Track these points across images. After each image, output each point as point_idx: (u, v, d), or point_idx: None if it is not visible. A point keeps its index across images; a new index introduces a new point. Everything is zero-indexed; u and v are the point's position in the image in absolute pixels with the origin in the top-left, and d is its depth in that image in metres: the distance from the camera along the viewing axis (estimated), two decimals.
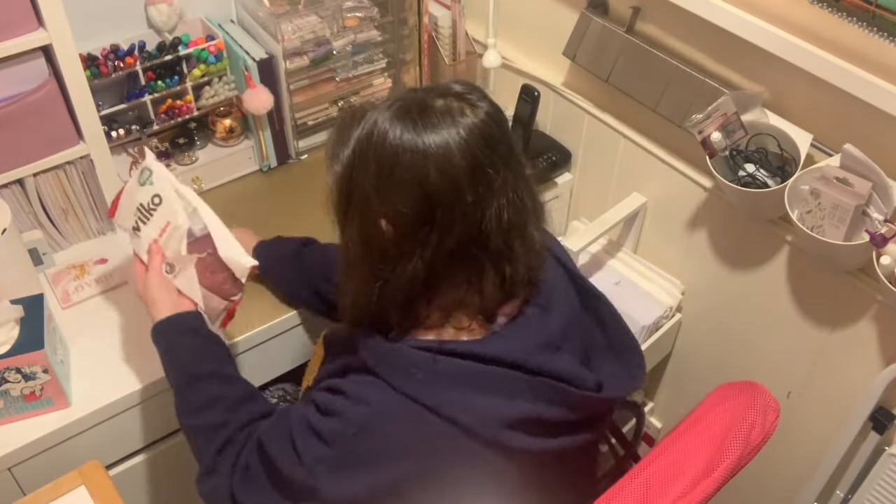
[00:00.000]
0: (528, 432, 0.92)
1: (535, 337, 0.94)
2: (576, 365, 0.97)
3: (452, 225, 0.87)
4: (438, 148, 0.85)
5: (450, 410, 0.89)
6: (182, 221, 1.14)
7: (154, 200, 1.16)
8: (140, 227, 1.18)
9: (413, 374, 0.90)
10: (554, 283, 1.01)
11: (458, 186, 0.86)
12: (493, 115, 0.89)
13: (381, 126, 0.87)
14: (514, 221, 0.90)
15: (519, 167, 0.93)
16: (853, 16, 1.09)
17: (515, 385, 0.91)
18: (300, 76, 1.66)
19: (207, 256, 1.15)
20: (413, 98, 0.89)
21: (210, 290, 1.16)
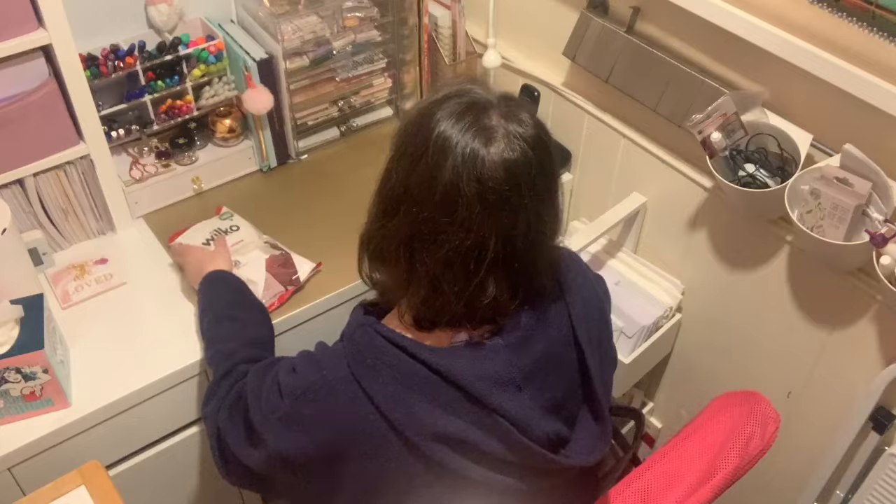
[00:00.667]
0: (457, 451, 0.93)
1: (493, 368, 0.93)
2: (530, 410, 0.95)
3: (462, 234, 0.89)
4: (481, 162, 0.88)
5: (384, 403, 0.92)
6: (256, 237, 1.52)
7: (232, 228, 1.54)
8: (211, 241, 1.50)
9: (365, 358, 0.94)
10: (547, 325, 0.99)
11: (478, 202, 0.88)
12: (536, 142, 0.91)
13: (437, 119, 0.90)
14: (521, 248, 0.92)
15: (549, 190, 0.94)
16: (853, 16, 1.09)
17: (457, 404, 0.92)
18: (300, 76, 1.66)
19: (281, 255, 1.48)
20: (474, 112, 0.91)
21: (274, 277, 1.44)
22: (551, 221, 0.96)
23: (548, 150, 0.94)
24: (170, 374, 1.33)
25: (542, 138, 0.93)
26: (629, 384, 1.68)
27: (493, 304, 0.93)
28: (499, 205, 0.88)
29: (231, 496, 1.62)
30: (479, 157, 0.87)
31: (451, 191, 0.88)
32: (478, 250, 0.89)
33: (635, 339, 1.55)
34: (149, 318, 1.42)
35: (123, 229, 1.57)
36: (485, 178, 0.87)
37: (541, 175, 0.92)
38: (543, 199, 0.93)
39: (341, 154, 1.79)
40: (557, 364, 1.00)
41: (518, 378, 0.95)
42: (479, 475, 0.95)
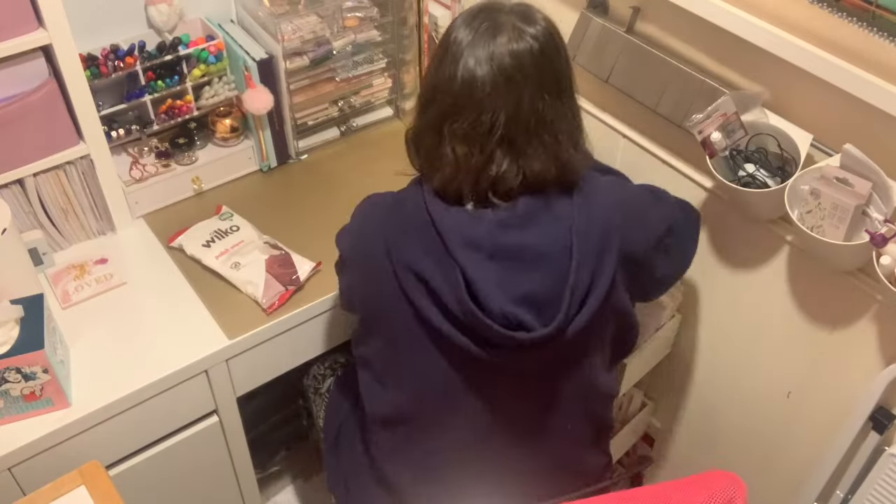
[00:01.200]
0: (423, 287, 1.09)
1: (471, 231, 1.07)
2: (493, 284, 1.06)
3: (477, 111, 1.06)
4: (491, 50, 1.05)
5: (391, 233, 1.12)
6: (256, 237, 1.53)
7: (232, 228, 1.54)
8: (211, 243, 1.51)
9: (398, 201, 1.16)
10: (546, 223, 1.09)
11: (489, 83, 1.05)
12: (544, 38, 1.08)
13: (455, 26, 1.10)
14: (523, 127, 1.06)
15: (554, 83, 1.08)
16: (853, 16, 1.09)
17: (434, 249, 1.07)
18: (300, 76, 1.66)
19: (281, 255, 1.49)
20: (487, 11, 1.09)
21: (274, 277, 1.45)
22: (557, 117, 1.09)
23: (555, 48, 1.09)
24: (170, 374, 1.33)
25: (550, 33, 1.09)
26: (629, 384, 1.67)
27: (498, 179, 1.07)
28: (506, 86, 1.04)
29: (231, 496, 1.62)
30: (489, 46, 1.05)
31: (468, 76, 1.05)
32: (488, 125, 1.05)
33: None
34: (149, 319, 1.42)
35: (123, 229, 1.57)
36: (494, 62, 1.04)
37: (546, 66, 1.07)
38: (547, 89, 1.07)
39: (341, 154, 1.79)
40: (548, 262, 1.08)
41: (491, 248, 1.07)
42: (438, 322, 1.09)
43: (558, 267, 1.08)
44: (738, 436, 1.66)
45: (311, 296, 1.46)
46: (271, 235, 1.55)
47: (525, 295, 1.07)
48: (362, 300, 1.21)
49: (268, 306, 1.42)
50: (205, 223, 1.56)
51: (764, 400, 1.55)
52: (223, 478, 1.57)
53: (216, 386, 1.42)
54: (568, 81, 1.11)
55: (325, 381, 1.56)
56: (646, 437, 1.92)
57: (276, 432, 1.91)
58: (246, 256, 1.48)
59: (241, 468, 1.58)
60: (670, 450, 1.88)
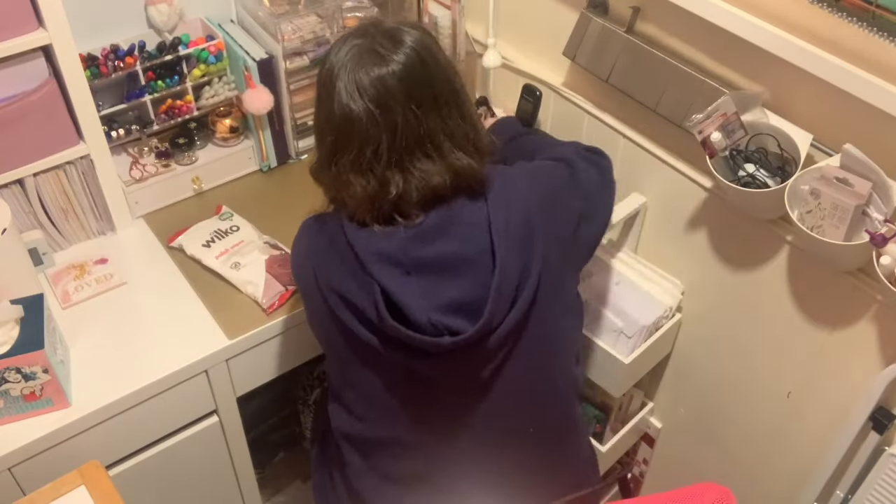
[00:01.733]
0: (348, 307, 1.11)
1: (385, 247, 1.09)
2: (417, 296, 1.07)
3: (361, 142, 1.08)
4: (359, 80, 1.07)
5: (316, 258, 1.15)
6: (256, 237, 1.53)
7: (232, 228, 1.55)
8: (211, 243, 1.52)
9: (322, 228, 1.18)
10: (458, 230, 1.10)
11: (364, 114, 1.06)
12: (406, 68, 1.07)
13: (328, 56, 1.12)
14: (408, 148, 1.08)
15: (430, 98, 1.08)
16: (853, 16, 1.09)
17: (355, 270, 1.09)
18: (300, 76, 1.66)
19: (281, 255, 1.50)
20: (354, 38, 1.10)
21: (274, 277, 1.45)
22: (438, 128, 1.09)
23: (421, 60, 1.08)
24: (170, 374, 1.33)
25: (416, 50, 1.08)
26: (629, 384, 1.67)
27: (398, 201, 1.09)
28: (381, 114, 1.06)
29: (231, 496, 1.62)
30: (355, 79, 1.06)
31: (343, 112, 1.07)
32: (372, 154, 1.07)
33: (635, 339, 1.55)
34: (149, 318, 1.42)
35: (123, 229, 1.57)
36: (363, 95, 1.06)
37: (414, 84, 1.07)
38: (421, 105, 1.07)
39: None
40: (471, 267, 1.10)
41: (407, 264, 1.08)
42: (369, 339, 1.10)
43: (482, 269, 1.09)
44: (738, 436, 1.66)
45: None
46: (271, 235, 1.55)
47: (451, 302, 1.08)
48: (309, 323, 1.25)
49: (268, 306, 1.42)
50: (205, 223, 1.56)
51: (764, 400, 1.55)
52: (223, 478, 1.57)
53: (216, 386, 1.42)
54: (446, 90, 1.11)
55: (312, 391, 1.56)
56: (646, 437, 1.92)
57: (276, 432, 1.91)
58: (246, 256, 1.48)
59: (241, 468, 1.58)
60: (670, 450, 1.88)
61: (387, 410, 1.18)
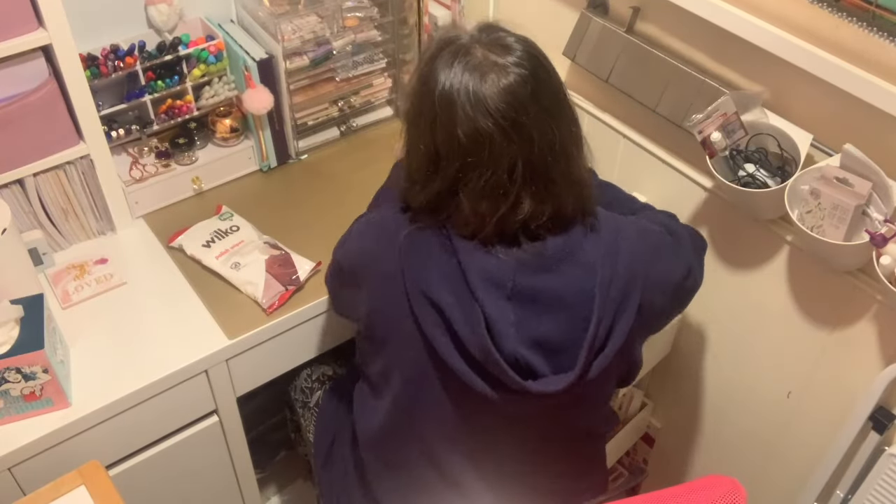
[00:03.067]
0: (436, 314, 1.04)
1: (493, 269, 1.03)
2: (508, 324, 1.02)
3: (493, 166, 1.00)
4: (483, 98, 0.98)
5: (405, 255, 1.06)
6: (256, 237, 1.53)
7: (232, 229, 1.54)
8: (211, 243, 1.51)
9: (398, 216, 1.11)
10: (569, 269, 1.05)
11: (497, 134, 0.99)
12: (526, 59, 1.01)
13: (430, 76, 1.02)
14: (542, 162, 1.01)
15: (554, 99, 1.02)
16: (853, 16, 1.09)
17: (455, 281, 1.03)
18: (300, 76, 1.66)
19: (281, 255, 1.49)
20: (461, 56, 1.01)
21: (274, 277, 1.45)
22: (566, 135, 1.03)
23: (539, 63, 1.02)
24: (170, 374, 1.33)
25: (530, 53, 1.02)
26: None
27: (527, 220, 1.02)
28: (514, 128, 0.98)
29: (231, 496, 1.62)
30: (480, 95, 0.97)
31: (472, 134, 0.98)
32: (508, 175, 1.00)
33: None
34: (149, 318, 1.42)
35: (123, 229, 1.57)
36: (492, 111, 0.97)
37: (540, 88, 1.00)
38: (551, 114, 1.01)
39: (341, 154, 1.79)
40: (566, 308, 1.04)
41: (510, 289, 1.03)
42: (446, 351, 1.04)
43: (577, 315, 1.04)
44: (738, 436, 1.66)
45: (311, 296, 1.46)
46: (271, 235, 1.55)
47: (538, 338, 1.04)
48: (367, 315, 1.16)
49: (268, 306, 1.42)
50: (205, 223, 1.56)
51: (764, 400, 1.55)
52: (223, 478, 1.57)
53: (216, 386, 1.42)
54: (563, 92, 1.05)
55: (313, 394, 1.55)
56: (646, 437, 1.92)
57: (276, 432, 1.91)
58: (246, 257, 1.48)
59: (241, 468, 1.58)
60: (670, 450, 1.88)
61: (435, 426, 1.14)
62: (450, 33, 1.04)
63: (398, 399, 1.16)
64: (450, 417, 1.12)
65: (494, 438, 1.15)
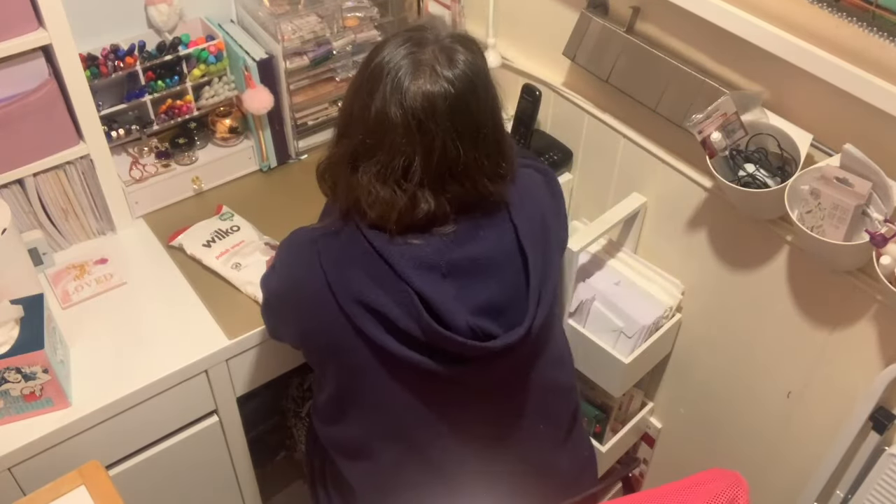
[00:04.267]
0: (377, 320, 1.06)
1: (420, 253, 1.05)
2: (452, 299, 1.05)
3: (391, 153, 1.03)
4: (405, 91, 1.01)
5: (328, 266, 1.08)
6: (256, 237, 1.53)
7: (232, 229, 1.54)
8: (212, 243, 1.51)
9: (329, 232, 1.12)
10: (487, 234, 1.09)
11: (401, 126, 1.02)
12: (462, 82, 1.03)
13: (382, 49, 1.05)
14: (442, 170, 1.04)
15: (472, 126, 1.05)
16: (853, 16, 1.09)
17: (385, 279, 1.05)
18: (300, 76, 1.66)
19: None
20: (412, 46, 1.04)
21: None
22: (474, 161, 1.05)
23: (473, 89, 1.04)
24: (170, 374, 1.33)
25: (469, 78, 1.03)
26: (629, 384, 1.68)
27: (429, 217, 1.05)
28: (419, 130, 1.01)
29: (231, 496, 1.62)
30: (403, 87, 1.01)
31: (381, 115, 1.01)
32: (403, 169, 1.03)
33: (635, 339, 1.55)
34: (149, 318, 1.42)
35: (123, 229, 1.57)
36: (406, 106, 1.00)
37: (461, 111, 1.02)
38: (463, 134, 1.03)
39: None
40: (498, 269, 1.10)
41: (443, 267, 1.06)
42: (397, 350, 1.06)
43: (510, 272, 1.10)
44: (738, 436, 1.66)
45: None
46: (272, 235, 1.55)
47: (482, 305, 1.08)
48: (304, 338, 1.18)
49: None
50: (205, 223, 1.56)
51: (764, 400, 1.55)
52: (223, 478, 1.57)
53: (216, 386, 1.42)
54: (490, 125, 1.07)
55: (304, 403, 1.55)
56: (646, 437, 1.92)
57: (275, 432, 1.90)
58: (247, 257, 1.48)
59: (241, 468, 1.58)
60: (670, 450, 1.88)
61: (400, 423, 1.15)
62: (429, 24, 1.08)
63: (361, 411, 1.17)
64: (414, 413, 1.14)
65: (461, 423, 1.17)
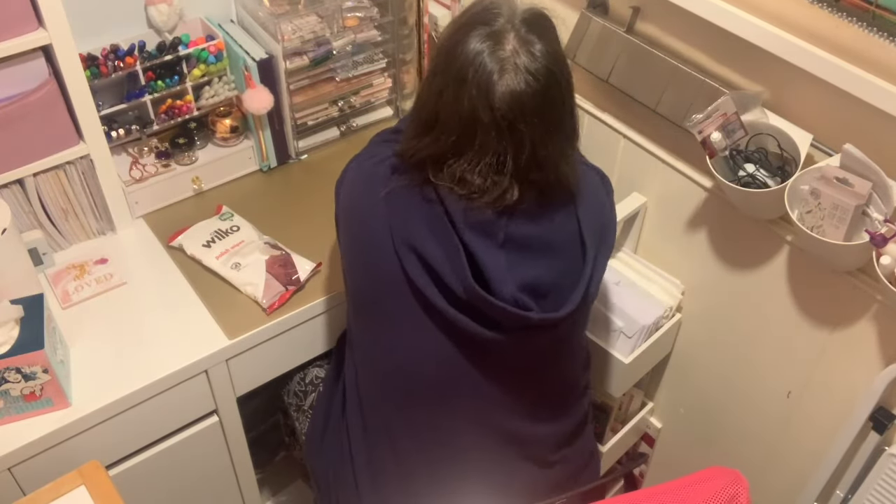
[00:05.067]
0: (424, 268, 1.09)
1: (482, 219, 1.07)
2: (502, 269, 1.08)
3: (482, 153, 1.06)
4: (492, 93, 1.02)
5: (391, 206, 1.11)
6: (256, 237, 1.53)
7: (232, 229, 1.54)
8: (212, 243, 1.52)
9: (386, 163, 1.15)
10: (551, 219, 1.13)
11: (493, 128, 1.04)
12: (544, 74, 1.04)
13: (462, 62, 1.05)
14: (531, 164, 1.06)
15: (555, 117, 1.07)
16: (853, 16, 1.09)
17: (442, 231, 1.07)
18: (300, 76, 1.66)
19: (281, 256, 1.49)
20: (491, 42, 1.03)
21: (275, 277, 1.45)
22: (560, 142, 1.09)
23: (556, 81, 1.06)
24: (170, 374, 1.33)
25: (550, 70, 1.04)
26: (629, 384, 1.67)
27: (515, 203, 1.08)
28: (510, 129, 1.03)
29: (231, 496, 1.62)
30: (490, 89, 1.02)
31: (471, 118, 1.03)
32: (497, 161, 1.05)
33: (635, 339, 1.55)
34: (149, 318, 1.42)
35: (123, 229, 1.57)
36: (495, 108, 1.02)
37: (547, 106, 1.05)
38: (550, 126, 1.06)
39: (341, 154, 1.79)
40: (554, 254, 1.13)
41: (501, 237, 1.09)
42: (439, 302, 1.09)
43: (564, 260, 1.13)
44: (738, 436, 1.66)
45: (311, 296, 1.46)
46: (271, 235, 1.55)
47: (530, 282, 1.10)
48: (352, 265, 1.20)
49: (268, 306, 1.42)
50: (205, 223, 1.56)
51: (764, 400, 1.55)
52: (223, 478, 1.57)
53: (216, 386, 1.42)
54: (570, 113, 1.11)
55: (306, 397, 1.55)
56: (646, 437, 1.92)
57: (275, 432, 1.90)
58: (246, 257, 1.48)
59: (241, 468, 1.58)
60: (670, 450, 1.88)
61: (432, 378, 1.17)
62: (495, 3, 1.07)
63: (392, 355, 1.19)
64: (447, 368, 1.16)
65: (492, 394, 1.18)
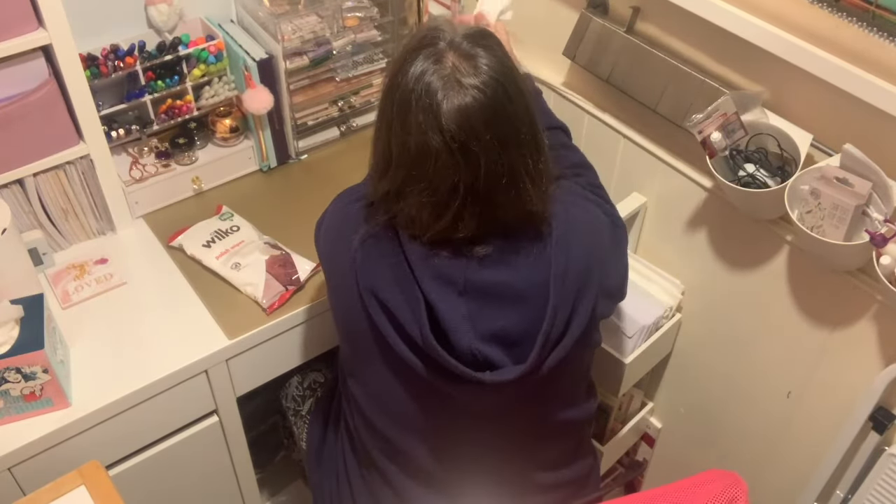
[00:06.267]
0: (386, 315, 1.06)
1: (443, 266, 1.04)
2: (461, 318, 1.03)
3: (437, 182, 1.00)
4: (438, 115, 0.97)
5: (360, 256, 1.08)
6: (256, 237, 1.53)
7: (232, 229, 1.54)
8: (212, 243, 1.51)
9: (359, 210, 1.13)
10: (520, 263, 1.05)
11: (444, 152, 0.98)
12: (491, 86, 0.98)
13: (403, 90, 1.00)
14: (485, 188, 1.00)
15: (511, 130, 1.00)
16: (853, 16, 1.09)
17: (405, 282, 1.04)
18: (300, 76, 1.66)
19: (281, 256, 1.49)
20: (442, 65, 0.98)
21: (275, 277, 1.45)
22: (519, 167, 1.01)
23: (504, 91, 0.98)
24: (170, 374, 1.33)
25: (497, 80, 0.98)
26: (629, 384, 1.67)
27: (470, 237, 1.03)
28: (462, 152, 0.97)
29: (231, 496, 1.62)
30: (435, 110, 0.96)
31: (421, 147, 0.98)
32: (449, 190, 0.99)
33: (635, 339, 1.55)
34: (149, 318, 1.42)
35: (123, 229, 1.57)
36: (444, 129, 0.96)
37: (498, 119, 0.98)
38: (505, 142, 0.99)
39: (341, 154, 1.79)
40: (523, 301, 1.05)
41: (461, 285, 1.04)
42: (400, 348, 1.06)
43: (533, 307, 1.05)
44: (738, 436, 1.66)
45: (311, 296, 1.46)
46: (271, 235, 1.55)
47: (496, 332, 1.05)
48: (332, 305, 1.21)
49: (268, 306, 1.42)
50: (205, 223, 1.56)
51: (764, 400, 1.55)
52: (223, 478, 1.57)
53: (216, 386, 1.42)
54: (527, 123, 1.02)
55: (304, 402, 1.55)
56: (646, 437, 1.92)
57: (275, 433, 1.90)
58: (246, 257, 1.48)
59: (241, 468, 1.58)
60: (670, 450, 1.88)
61: (396, 417, 1.16)
62: (435, 28, 1.02)
63: (368, 395, 1.18)
64: (413, 412, 1.14)
65: (463, 436, 1.16)
